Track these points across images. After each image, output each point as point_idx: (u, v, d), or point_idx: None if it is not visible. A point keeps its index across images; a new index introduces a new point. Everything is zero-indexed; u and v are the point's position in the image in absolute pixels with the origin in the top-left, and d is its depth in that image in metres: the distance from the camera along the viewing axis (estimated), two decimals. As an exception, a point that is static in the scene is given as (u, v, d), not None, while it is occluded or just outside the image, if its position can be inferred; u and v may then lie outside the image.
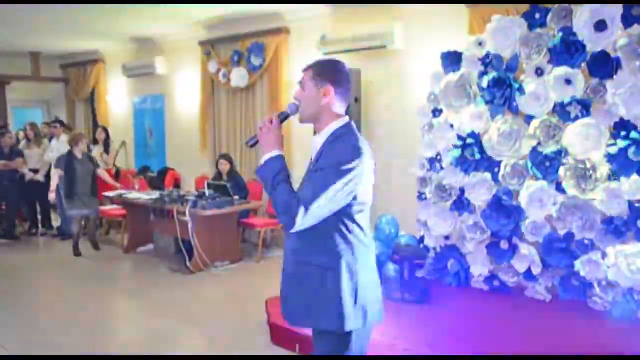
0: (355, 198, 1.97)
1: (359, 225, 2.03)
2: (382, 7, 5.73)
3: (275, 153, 2.01)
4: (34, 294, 5.39)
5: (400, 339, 3.55)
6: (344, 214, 1.98)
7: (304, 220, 1.89)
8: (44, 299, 5.23)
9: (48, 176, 7.70)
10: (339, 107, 2.06)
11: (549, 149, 4.06)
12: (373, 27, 5.71)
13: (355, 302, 2.00)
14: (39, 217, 8.06)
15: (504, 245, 4.36)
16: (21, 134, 8.40)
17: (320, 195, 1.89)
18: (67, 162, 6.70)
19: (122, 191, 7.09)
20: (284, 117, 2.10)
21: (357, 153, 1.94)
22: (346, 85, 2.07)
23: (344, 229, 2.00)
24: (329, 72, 2.04)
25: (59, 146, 7.56)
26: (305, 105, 2.06)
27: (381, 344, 3.38)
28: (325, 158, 1.97)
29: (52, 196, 6.87)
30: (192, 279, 5.71)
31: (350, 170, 1.91)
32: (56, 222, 8.27)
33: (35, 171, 7.76)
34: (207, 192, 6.09)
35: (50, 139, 7.99)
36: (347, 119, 2.08)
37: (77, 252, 6.78)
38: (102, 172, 7.13)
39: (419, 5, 5.42)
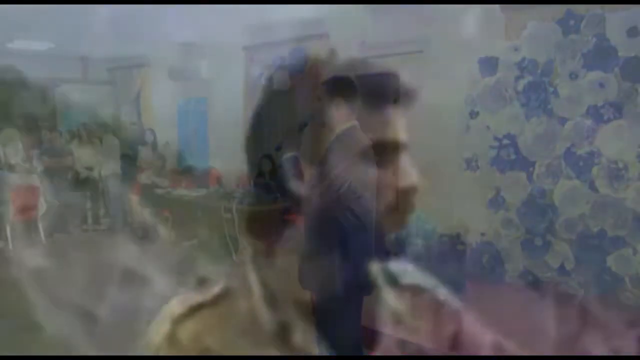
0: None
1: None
2: (419, 14, 5.92)
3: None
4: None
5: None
6: None
7: None
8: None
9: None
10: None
11: (582, 149, 4.25)
12: (410, 32, 5.93)
13: None
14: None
15: (538, 241, 4.56)
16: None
17: None
18: None
19: (169, 188, 7.49)
20: None
21: None
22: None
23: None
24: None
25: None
26: None
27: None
28: None
29: None
30: (238, 270, 6.03)
31: None
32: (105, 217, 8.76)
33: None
34: (252, 189, 6.40)
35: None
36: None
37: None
38: None
39: (456, 6, 5.59)
